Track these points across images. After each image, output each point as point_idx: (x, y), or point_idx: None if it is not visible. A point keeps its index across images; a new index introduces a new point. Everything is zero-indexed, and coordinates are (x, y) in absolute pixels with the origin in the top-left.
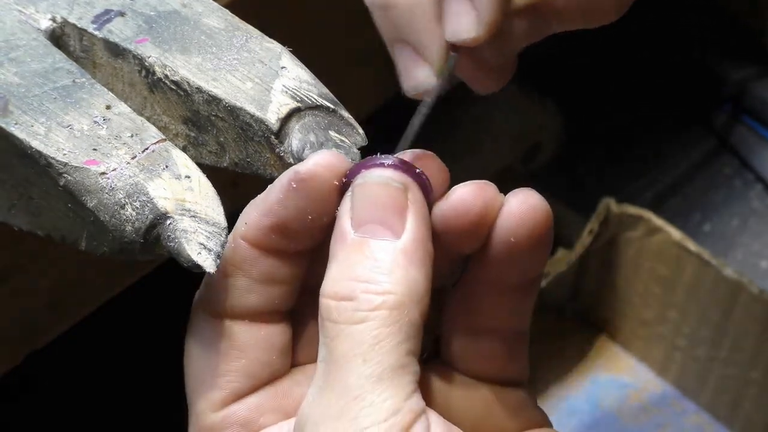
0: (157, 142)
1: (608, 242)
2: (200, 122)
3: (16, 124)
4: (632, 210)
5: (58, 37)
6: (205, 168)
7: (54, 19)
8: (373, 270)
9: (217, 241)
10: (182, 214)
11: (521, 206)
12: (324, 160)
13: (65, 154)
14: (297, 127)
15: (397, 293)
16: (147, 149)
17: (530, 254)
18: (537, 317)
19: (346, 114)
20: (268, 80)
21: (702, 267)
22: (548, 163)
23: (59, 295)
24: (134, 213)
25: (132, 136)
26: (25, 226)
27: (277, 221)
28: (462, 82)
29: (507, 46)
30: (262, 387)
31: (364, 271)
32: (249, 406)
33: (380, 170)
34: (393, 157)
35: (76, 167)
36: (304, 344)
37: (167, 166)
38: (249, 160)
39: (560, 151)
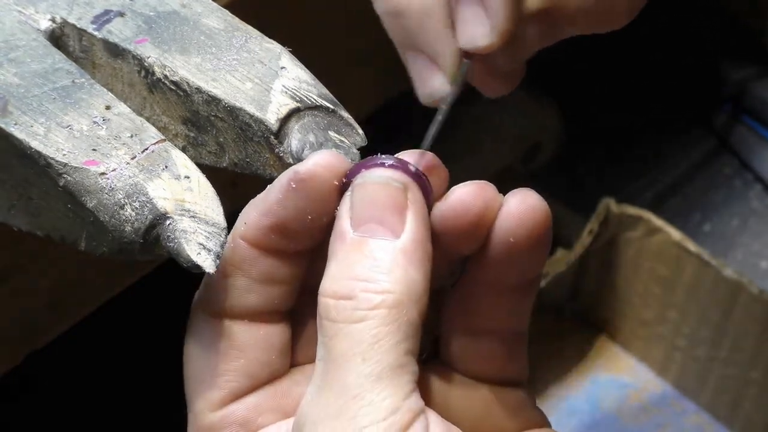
0: (157, 143)
1: (608, 242)
2: (200, 122)
3: (16, 125)
4: (632, 210)
5: (58, 38)
6: (205, 168)
7: (53, 20)
8: (372, 269)
9: (217, 242)
10: (182, 215)
11: (520, 206)
12: (323, 160)
13: (65, 155)
14: (296, 128)
15: (396, 292)
16: (146, 149)
17: (529, 254)
18: (536, 317)
19: (346, 114)
20: (268, 80)
21: (702, 267)
22: (548, 163)
23: (59, 295)
24: (134, 213)
25: (131, 137)
26: (25, 227)
27: (277, 221)
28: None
29: (519, 52)
30: (261, 387)
31: (363, 271)
32: (248, 406)
33: (380, 170)
34: (393, 157)
35: (76, 167)
36: (304, 344)
37: (167, 167)
38: (248, 161)
39: (560, 151)
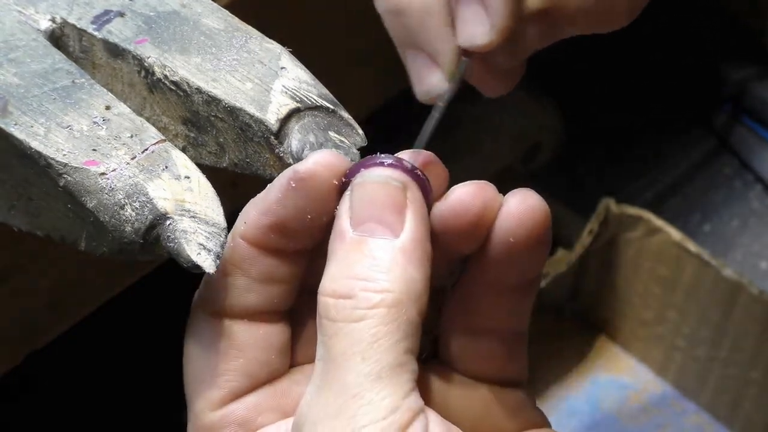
0: (157, 143)
1: (608, 242)
2: (200, 123)
3: (16, 125)
4: (632, 210)
5: (58, 38)
6: (205, 168)
7: (53, 20)
8: (372, 268)
9: (217, 242)
10: (182, 215)
11: (520, 206)
12: (323, 160)
13: (65, 155)
14: (296, 128)
15: (396, 291)
16: (146, 150)
17: (529, 254)
18: (536, 318)
19: (346, 114)
20: (268, 81)
21: (702, 267)
22: (548, 163)
23: (59, 295)
24: (134, 213)
25: (131, 137)
26: (25, 227)
27: (277, 220)
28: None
29: (519, 51)
30: (261, 386)
31: (363, 270)
32: (247, 406)
33: (380, 169)
34: (392, 157)
35: (76, 168)
36: (303, 344)
37: (167, 167)
38: (248, 161)
39: (560, 151)
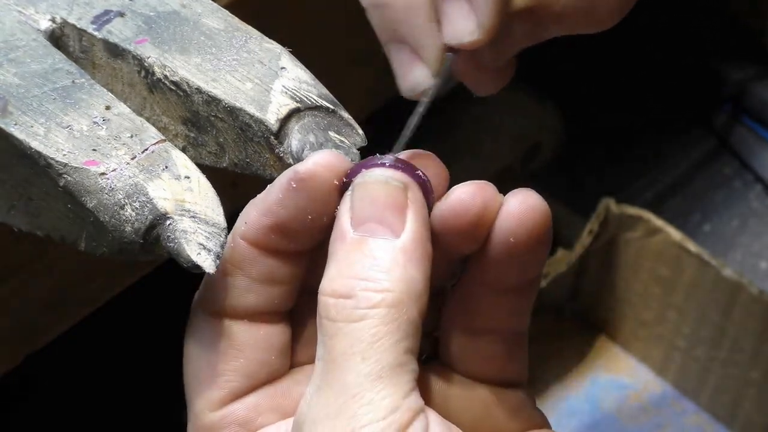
0: (157, 143)
1: (608, 242)
2: (200, 123)
3: (16, 125)
4: (632, 210)
5: (58, 38)
6: (205, 168)
7: (53, 20)
8: (372, 268)
9: (217, 242)
10: (182, 215)
11: (520, 206)
12: (324, 160)
13: (65, 155)
14: (296, 128)
15: (396, 291)
16: (146, 150)
17: (529, 254)
18: (536, 318)
19: (346, 114)
20: (268, 81)
21: (702, 267)
22: (548, 163)
23: (59, 295)
24: (134, 213)
25: (131, 137)
26: (25, 227)
27: (277, 221)
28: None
29: (505, 49)
30: (261, 387)
31: (363, 270)
32: (247, 406)
33: (380, 170)
34: (393, 157)
35: (76, 168)
36: (304, 345)
37: (167, 167)
38: (248, 161)
39: (560, 151)
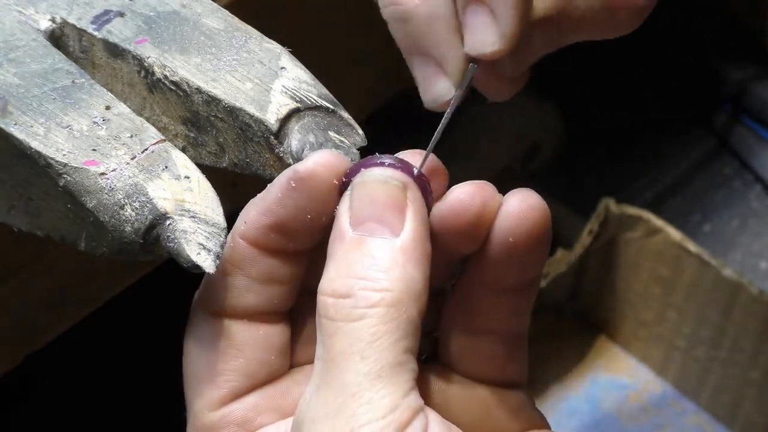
0: (157, 143)
1: (608, 243)
2: (199, 123)
3: (16, 125)
4: (632, 210)
5: (58, 38)
6: (205, 168)
7: (53, 20)
8: (371, 267)
9: (217, 242)
10: (182, 215)
11: (520, 206)
12: (323, 159)
13: (65, 155)
14: (296, 128)
15: (395, 291)
16: (146, 150)
17: (529, 254)
18: (536, 318)
19: (346, 114)
20: (268, 81)
21: (702, 267)
22: (548, 164)
23: (59, 295)
24: (134, 213)
25: (131, 137)
26: (25, 227)
27: (277, 220)
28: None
29: (525, 58)
30: (261, 386)
31: (362, 269)
32: (247, 406)
33: (379, 169)
34: (392, 157)
35: (76, 168)
36: (303, 345)
37: (167, 167)
38: (248, 161)
39: (560, 152)
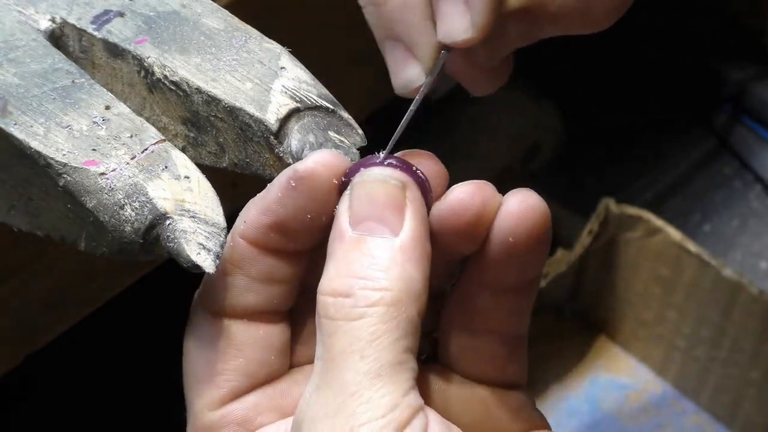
0: (157, 143)
1: (608, 243)
2: (199, 123)
3: (16, 125)
4: (632, 210)
5: (58, 38)
6: (205, 168)
7: (53, 20)
8: (371, 267)
9: (217, 242)
10: (181, 215)
11: (520, 206)
12: (323, 159)
13: (64, 155)
14: (296, 128)
15: (395, 290)
16: (146, 150)
17: (529, 254)
18: (536, 318)
19: (346, 114)
20: (268, 81)
21: (702, 267)
22: (548, 164)
23: (59, 295)
24: (133, 213)
25: (131, 137)
26: (25, 227)
27: (276, 220)
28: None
29: (499, 48)
30: (261, 386)
31: (362, 269)
32: (247, 405)
33: (379, 169)
34: (392, 156)
35: (76, 168)
36: (304, 345)
37: (166, 167)
38: (248, 161)
39: (560, 152)
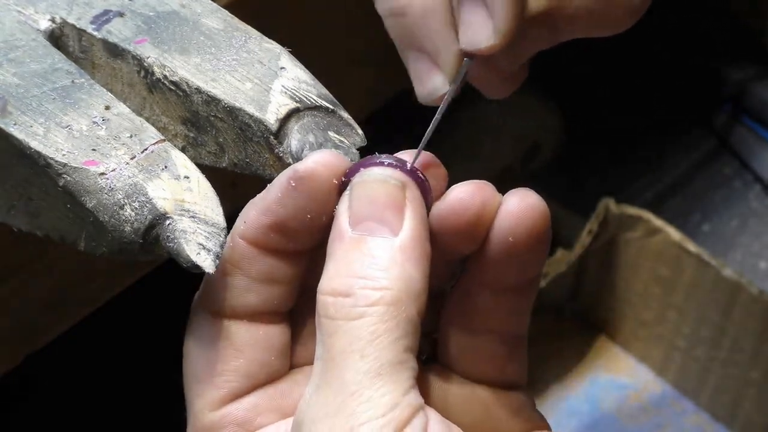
0: (156, 143)
1: (608, 243)
2: (199, 123)
3: (15, 125)
4: (632, 210)
5: (57, 38)
6: (204, 168)
7: (53, 20)
8: (371, 267)
9: (216, 242)
10: (181, 215)
11: (520, 205)
12: (323, 159)
13: (64, 155)
14: (296, 128)
15: (394, 289)
16: (146, 150)
17: (528, 254)
18: (536, 318)
19: (345, 114)
20: (267, 81)
21: (701, 267)
22: (548, 164)
23: (59, 295)
24: (133, 213)
25: (131, 137)
26: (25, 227)
27: (276, 220)
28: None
29: (521, 54)
30: (261, 387)
31: (362, 268)
32: (247, 406)
33: (379, 169)
34: (392, 156)
35: (75, 168)
36: (304, 346)
37: (166, 167)
38: (248, 161)
39: (561, 152)
